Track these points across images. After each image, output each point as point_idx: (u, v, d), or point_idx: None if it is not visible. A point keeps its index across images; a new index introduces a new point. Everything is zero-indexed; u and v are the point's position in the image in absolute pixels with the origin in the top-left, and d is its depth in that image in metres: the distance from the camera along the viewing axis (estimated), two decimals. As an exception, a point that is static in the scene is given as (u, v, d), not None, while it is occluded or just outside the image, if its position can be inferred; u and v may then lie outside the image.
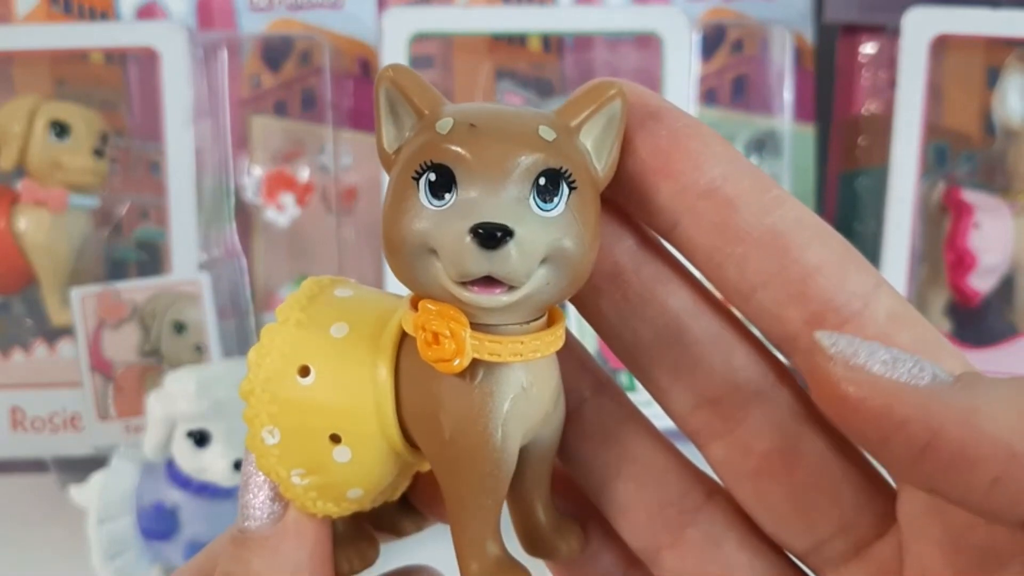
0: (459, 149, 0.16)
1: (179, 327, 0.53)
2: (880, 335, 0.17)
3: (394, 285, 0.62)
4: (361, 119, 0.58)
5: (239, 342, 0.55)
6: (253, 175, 0.57)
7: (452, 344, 0.16)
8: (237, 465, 0.43)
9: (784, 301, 0.17)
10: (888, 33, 0.56)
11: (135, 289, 0.53)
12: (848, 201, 0.58)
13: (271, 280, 0.59)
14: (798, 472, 0.18)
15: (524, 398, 0.17)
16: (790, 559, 0.19)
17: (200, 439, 0.43)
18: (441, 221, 0.16)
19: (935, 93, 0.55)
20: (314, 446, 0.18)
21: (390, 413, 0.18)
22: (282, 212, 0.57)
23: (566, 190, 0.16)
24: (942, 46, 0.53)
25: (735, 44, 0.58)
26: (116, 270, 0.57)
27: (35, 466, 0.56)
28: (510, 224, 0.15)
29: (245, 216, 0.58)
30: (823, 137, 0.59)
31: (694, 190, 0.17)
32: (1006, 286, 0.53)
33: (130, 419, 0.52)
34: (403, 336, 0.18)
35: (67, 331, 0.54)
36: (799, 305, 0.17)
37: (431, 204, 0.16)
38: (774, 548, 0.19)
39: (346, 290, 0.19)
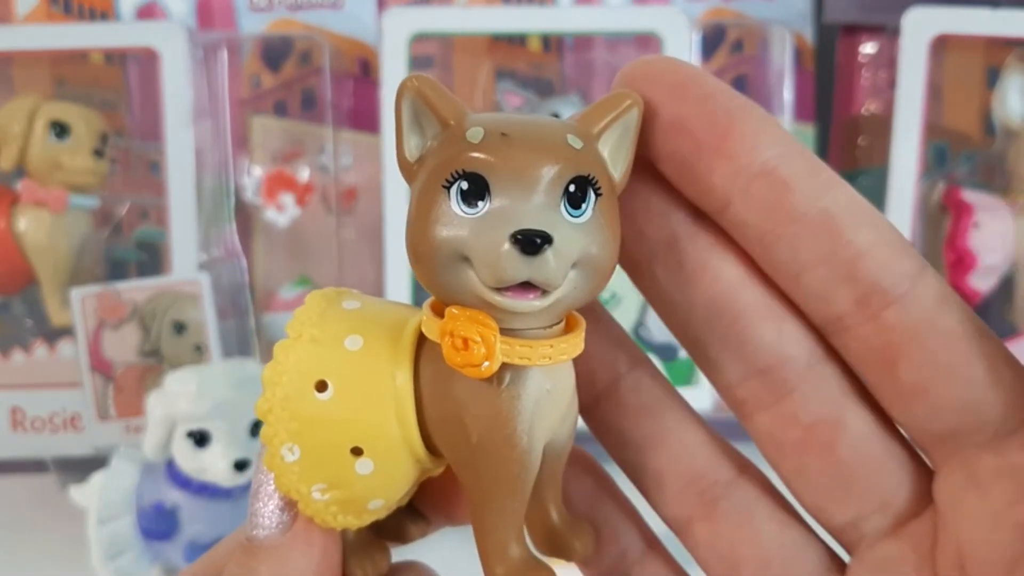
0: (492, 158, 0.16)
1: (179, 327, 0.53)
2: (927, 316, 0.17)
3: (395, 286, 0.61)
4: (361, 119, 0.58)
5: (239, 342, 0.55)
6: (253, 175, 0.57)
7: (482, 349, 0.16)
8: (237, 465, 0.43)
9: (834, 281, 0.17)
10: (888, 33, 0.56)
11: (135, 289, 0.53)
12: (848, 201, 0.58)
13: (271, 280, 0.59)
14: (841, 446, 0.18)
15: (547, 400, 0.18)
16: (817, 533, 0.20)
17: (200, 439, 0.43)
18: (476, 228, 0.16)
19: (935, 93, 0.55)
20: (336, 460, 0.18)
21: (411, 421, 0.18)
22: (282, 212, 0.57)
23: (593, 196, 0.16)
24: (942, 46, 0.53)
25: (735, 44, 0.58)
26: (116, 270, 0.57)
27: (35, 466, 0.56)
28: (548, 230, 0.15)
29: (245, 216, 0.58)
30: (823, 137, 0.59)
31: (749, 171, 0.17)
32: (1006, 286, 0.53)
33: (130, 419, 0.52)
34: (420, 343, 0.18)
35: (67, 331, 0.54)
36: (848, 286, 0.17)
37: (464, 212, 0.16)
38: (802, 522, 0.20)
39: (353, 302, 0.19)
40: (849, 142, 0.59)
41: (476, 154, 0.16)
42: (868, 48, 0.58)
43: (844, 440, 0.18)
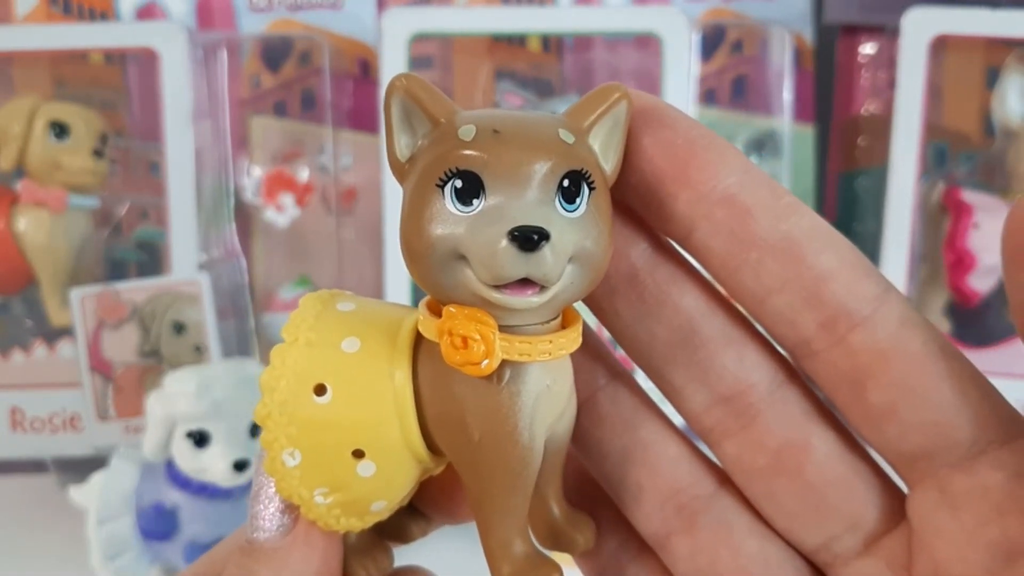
0: (485, 155, 0.16)
1: (179, 327, 0.53)
2: (893, 338, 0.17)
3: (395, 286, 0.61)
4: (361, 119, 0.58)
5: (239, 342, 0.55)
6: (253, 175, 0.57)
7: (481, 346, 0.16)
8: (237, 465, 0.43)
9: (798, 305, 0.17)
10: (888, 33, 0.56)
11: (135, 289, 0.53)
12: (848, 201, 0.58)
13: (271, 280, 0.59)
14: (809, 468, 0.18)
15: (547, 396, 0.18)
16: (796, 549, 0.20)
17: (200, 439, 0.43)
18: (472, 226, 0.16)
19: (935, 93, 0.55)
20: (337, 464, 0.18)
21: (412, 421, 0.18)
22: (282, 212, 0.57)
23: (587, 191, 0.16)
24: (942, 46, 0.53)
25: (735, 44, 0.58)
26: (116, 270, 0.57)
27: (35, 466, 0.56)
28: (545, 226, 0.15)
29: (245, 216, 0.58)
30: (823, 137, 0.59)
31: (711, 198, 0.17)
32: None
33: (130, 419, 0.52)
34: (417, 343, 0.18)
35: (67, 331, 0.54)
36: (813, 309, 0.17)
37: (459, 210, 0.16)
38: (781, 536, 0.20)
39: (348, 303, 0.19)
40: (849, 142, 0.59)
41: (469, 152, 0.16)
42: (868, 48, 0.58)
43: (811, 463, 0.18)
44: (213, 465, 0.43)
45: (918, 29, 0.52)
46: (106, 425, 0.53)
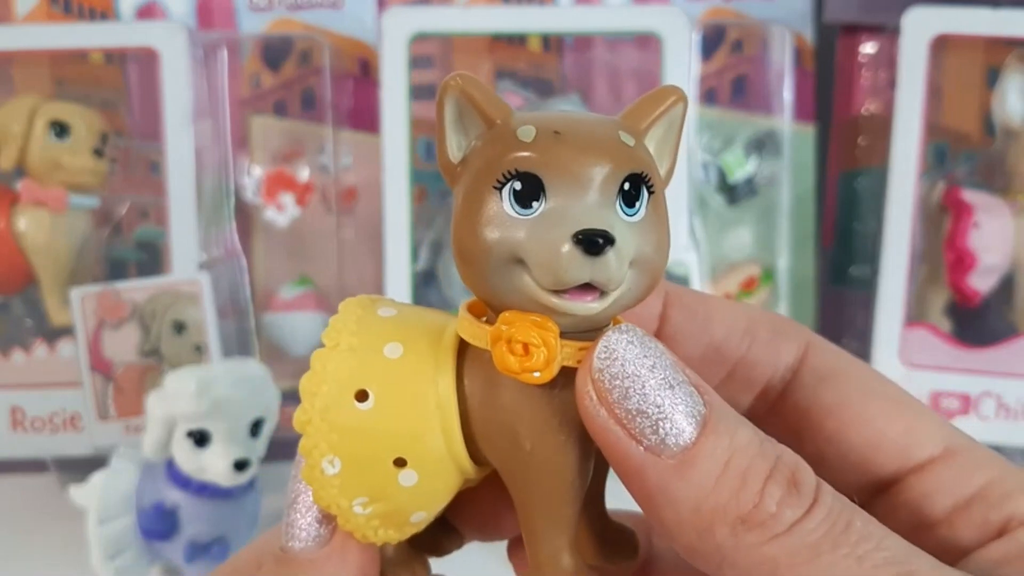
0: (547, 157, 0.15)
1: (179, 327, 0.53)
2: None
3: (395, 286, 0.60)
4: (361, 119, 0.58)
5: (239, 342, 0.55)
6: (253, 175, 0.57)
7: (544, 353, 0.16)
8: (237, 465, 0.43)
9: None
10: (888, 33, 0.56)
11: (135, 289, 0.53)
12: (848, 201, 0.58)
13: (271, 280, 0.59)
14: None
15: None
16: None
17: (200, 439, 0.43)
18: (533, 229, 0.15)
19: (935, 93, 0.55)
20: (378, 473, 0.18)
21: (456, 429, 0.17)
22: (282, 212, 0.57)
23: (646, 194, 0.16)
24: (942, 46, 0.53)
25: (735, 44, 0.58)
26: (116, 270, 0.57)
27: (35, 466, 0.56)
28: (608, 230, 0.15)
29: (245, 216, 0.58)
30: (823, 137, 0.59)
31: None
32: (1006, 286, 0.53)
33: (130, 419, 0.52)
34: (461, 349, 0.18)
35: (67, 331, 0.54)
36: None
37: (517, 213, 0.15)
38: None
39: (389, 309, 0.19)
40: (849, 142, 0.59)
41: (529, 153, 0.15)
42: (868, 48, 0.58)
43: None
44: (213, 465, 0.43)
45: (918, 29, 0.52)
46: (106, 425, 0.53)
